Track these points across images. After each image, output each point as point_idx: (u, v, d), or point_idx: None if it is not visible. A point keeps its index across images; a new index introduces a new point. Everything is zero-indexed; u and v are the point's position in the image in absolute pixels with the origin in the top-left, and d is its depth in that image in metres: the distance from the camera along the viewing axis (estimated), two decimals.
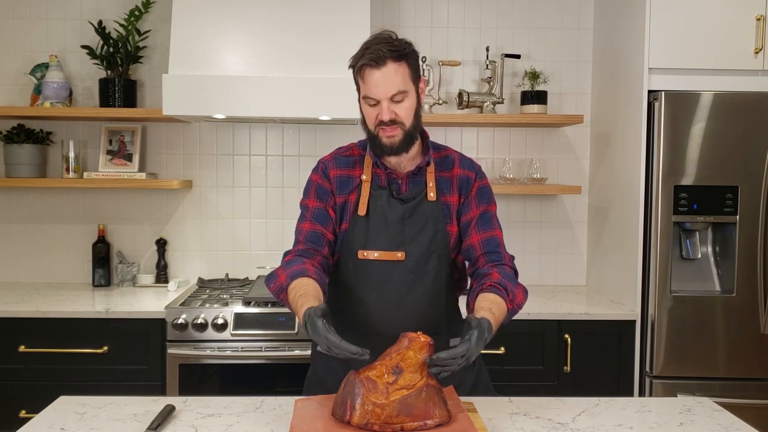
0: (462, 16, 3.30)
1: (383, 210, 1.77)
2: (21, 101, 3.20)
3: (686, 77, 2.73)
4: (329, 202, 1.81)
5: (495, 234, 1.81)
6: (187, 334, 2.65)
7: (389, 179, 1.80)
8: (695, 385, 2.68)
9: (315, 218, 1.80)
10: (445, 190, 1.82)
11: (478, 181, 1.85)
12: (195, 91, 2.73)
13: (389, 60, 1.65)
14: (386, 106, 1.66)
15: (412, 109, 1.70)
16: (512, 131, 3.34)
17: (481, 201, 1.83)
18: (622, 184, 2.92)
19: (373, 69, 1.65)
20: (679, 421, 1.60)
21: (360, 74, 1.69)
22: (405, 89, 1.67)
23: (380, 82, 1.65)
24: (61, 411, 1.61)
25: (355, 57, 1.69)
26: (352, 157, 1.85)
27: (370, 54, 1.65)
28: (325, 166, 1.84)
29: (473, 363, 1.85)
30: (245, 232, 3.32)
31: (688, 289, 2.73)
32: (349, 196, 1.81)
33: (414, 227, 1.77)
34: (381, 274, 1.76)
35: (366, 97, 1.69)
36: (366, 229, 1.77)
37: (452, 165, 1.85)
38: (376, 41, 1.67)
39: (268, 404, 1.67)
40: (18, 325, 2.66)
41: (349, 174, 1.82)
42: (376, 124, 1.70)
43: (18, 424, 1.58)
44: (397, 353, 1.49)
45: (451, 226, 1.81)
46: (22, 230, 3.26)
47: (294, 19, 2.80)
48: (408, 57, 1.69)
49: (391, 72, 1.65)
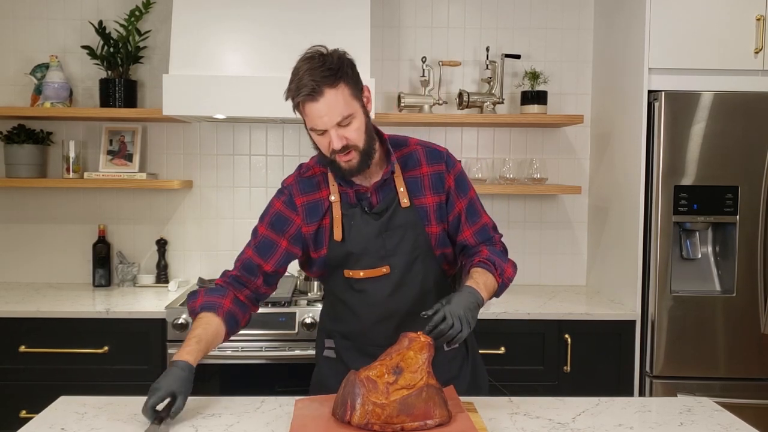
0: (462, 16, 3.30)
1: (359, 230, 1.73)
2: (21, 101, 3.20)
3: (686, 77, 2.73)
4: (287, 232, 1.77)
5: (484, 221, 1.82)
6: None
7: (358, 195, 1.75)
8: (695, 385, 2.68)
9: (258, 248, 1.79)
10: (418, 192, 1.76)
11: (451, 171, 1.79)
12: (195, 91, 2.73)
13: (325, 87, 1.56)
14: (335, 134, 1.60)
15: (362, 129, 1.63)
16: (512, 131, 3.34)
17: (461, 192, 1.80)
18: (622, 184, 2.92)
19: (311, 102, 1.57)
20: (679, 421, 1.60)
21: (300, 109, 1.62)
22: (350, 112, 1.60)
23: (322, 112, 1.58)
24: (61, 411, 1.62)
25: (290, 90, 1.61)
26: (315, 178, 1.79)
27: (305, 87, 1.56)
28: (290, 194, 1.78)
29: (467, 353, 1.87)
30: (245, 233, 3.24)
31: (688, 289, 2.73)
32: (321, 222, 1.76)
33: (393, 239, 1.74)
34: (369, 288, 1.76)
35: (312, 129, 1.63)
36: (346, 253, 1.75)
37: (419, 162, 1.79)
38: (306, 69, 1.57)
39: (268, 404, 1.67)
40: (18, 325, 2.66)
41: (316, 198, 1.77)
42: (330, 152, 1.64)
43: (18, 424, 1.58)
44: (398, 353, 1.49)
45: (430, 227, 1.77)
46: (23, 230, 3.26)
47: (294, 18, 2.80)
48: (343, 76, 1.59)
49: (331, 100, 1.57)
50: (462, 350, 1.87)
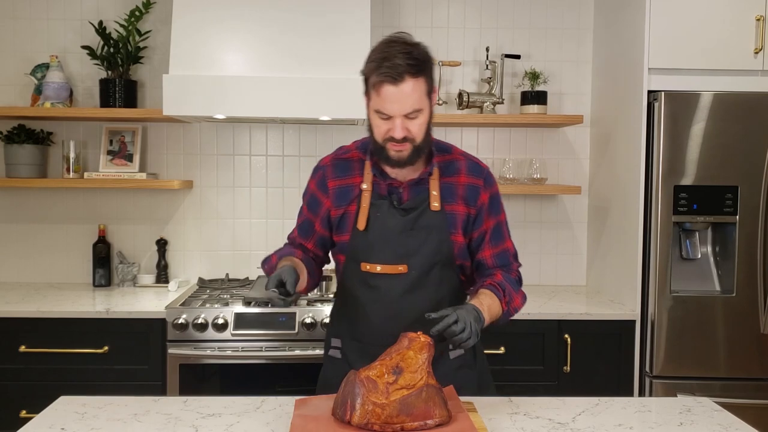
0: (462, 16, 3.30)
1: (384, 222, 1.72)
2: (21, 101, 3.20)
3: (686, 77, 2.73)
4: (319, 214, 1.81)
5: (506, 246, 1.80)
6: (188, 334, 2.66)
7: (390, 188, 1.74)
8: (695, 385, 2.68)
9: (301, 228, 1.88)
10: (450, 199, 1.75)
11: (487, 189, 1.78)
12: (195, 92, 2.73)
13: (407, 76, 1.54)
14: (399, 124, 1.58)
15: (424, 125, 1.63)
16: (512, 131, 3.34)
17: (492, 213, 1.78)
18: (622, 184, 2.92)
19: (389, 85, 1.55)
20: (679, 421, 1.61)
21: (373, 87, 1.58)
22: (420, 107, 1.59)
23: (396, 99, 1.56)
24: (61, 411, 1.62)
25: (370, 65, 1.58)
26: (352, 162, 1.79)
27: (388, 68, 1.54)
28: (323, 175, 1.80)
29: (474, 360, 1.85)
30: (245, 232, 3.32)
31: (688, 289, 2.73)
32: (348, 208, 1.76)
33: (416, 239, 1.72)
34: (383, 285, 1.74)
35: (378, 111, 1.60)
36: (367, 244, 1.73)
37: (458, 172, 1.77)
38: (395, 52, 1.55)
39: (268, 404, 1.67)
40: (18, 325, 2.66)
41: (348, 183, 1.77)
42: (385, 138, 1.62)
43: (18, 424, 1.58)
44: (397, 353, 1.49)
45: (456, 235, 1.75)
46: (23, 230, 3.26)
47: (294, 19, 2.80)
48: (426, 70, 1.59)
49: (409, 89, 1.55)
50: (469, 358, 1.84)
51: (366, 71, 1.61)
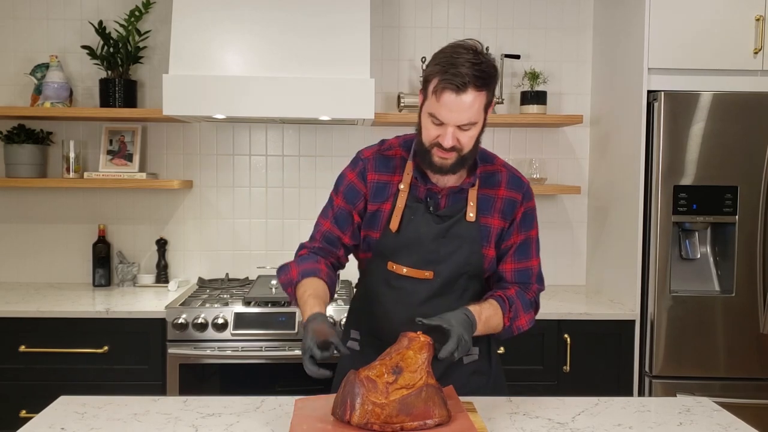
0: (462, 16, 3.30)
1: (417, 227, 1.69)
2: (21, 101, 3.20)
3: (685, 77, 2.73)
4: (357, 205, 1.74)
5: (531, 264, 1.77)
6: (188, 334, 2.66)
7: (429, 192, 1.70)
8: (695, 385, 2.68)
9: (336, 219, 1.75)
10: (486, 211, 1.72)
11: (525, 204, 1.76)
12: (195, 91, 2.73)
13: (471, 88, 1.51)
14: (451, 133, 1.55)
15: (474, 138, 1.60)
16: (512, 131, 3.34)
17: (524, 227, 1.76)
18: (622, 184, 2.92)
19: (451, 93, 1.51)
20: (679, 421, 1.61)
21: (434, 91, 1.54)
22: (475, 120, 1.56)
23: (454, 108, 1.52)
24: (61, 411, 1.62)
25: (435, 68, 1.54)
26: (394, 159, 1.74)
27: (454, 76, 1.50)
28: (364, 168, 1.75)
29: (490, 361, 1.84)
30: (245, 232, 3.32)
31: (688, 289, 2.73)
32: (383, 205, 1.72)
33: (447, 247, 1.69)
34: (407, 287, 1.72)
35: (432, 115, 1.56)
36: (397, 245, 1.71)
37: (499, 184, 1.74)
38: (463, 60, 1.51)
39: (268, 404, 1.67)
40: (18, 325, 2.66)
41: (387, 180, 1.73)
42: (432, 143, 1.59)
43: (18, 424, 1.58)
44: (397, 353, 1.49)
45: (488, 248, 1.72)
46: (23, 230, 3.26)
47: (294, 19, 2.80)
48: (490, 85, 1.55)
49: (469, 101, 1.52)
50: (484, 364, 1.83)
51: (428, 73, 1.57)
